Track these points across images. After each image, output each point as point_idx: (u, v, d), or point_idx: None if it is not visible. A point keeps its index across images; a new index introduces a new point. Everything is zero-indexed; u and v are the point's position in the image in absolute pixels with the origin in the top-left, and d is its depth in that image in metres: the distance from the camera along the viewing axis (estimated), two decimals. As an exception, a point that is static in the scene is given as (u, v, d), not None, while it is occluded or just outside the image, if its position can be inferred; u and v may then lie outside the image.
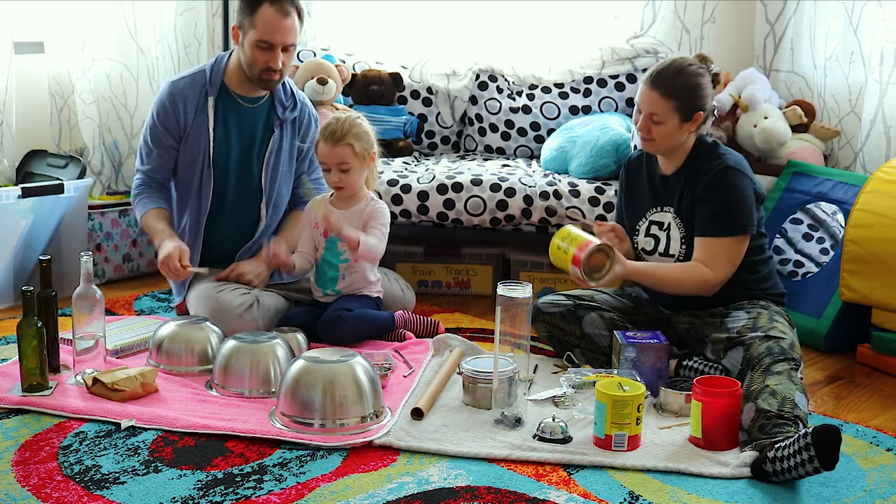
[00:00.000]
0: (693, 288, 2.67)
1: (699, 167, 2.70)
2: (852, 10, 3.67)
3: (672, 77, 2.67)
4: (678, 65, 2.70)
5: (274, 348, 2.65)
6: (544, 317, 2.87)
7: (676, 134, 2.68)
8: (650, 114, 2.68)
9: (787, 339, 2.49)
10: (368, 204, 3.04)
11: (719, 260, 2.64)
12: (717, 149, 2.73)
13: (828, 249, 3.33)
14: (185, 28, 4.09)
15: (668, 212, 2.77)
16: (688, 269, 2.68)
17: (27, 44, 3.77)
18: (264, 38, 2.95)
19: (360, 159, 2.96)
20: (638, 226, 2.84)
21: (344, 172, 2.95)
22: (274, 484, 2.13)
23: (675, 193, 2.75)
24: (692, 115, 2.67)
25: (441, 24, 4.26)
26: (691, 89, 2.66)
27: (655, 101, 2.66)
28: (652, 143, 2.72)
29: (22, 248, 3.45)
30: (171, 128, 3.08)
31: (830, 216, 3.37)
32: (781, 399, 2.28)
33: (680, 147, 2.73)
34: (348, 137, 2.94)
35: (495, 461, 2.27)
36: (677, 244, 2.74)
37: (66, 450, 2.27)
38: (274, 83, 3.05)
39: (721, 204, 2.64)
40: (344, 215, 2.99)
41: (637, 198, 2.87)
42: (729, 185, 2.65)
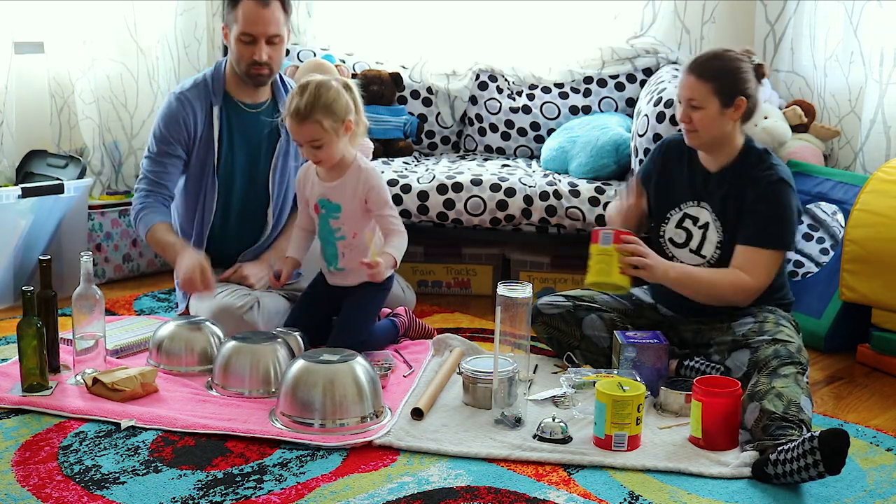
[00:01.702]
0: (729, 294, 2.62)
1: (749, 173, 2.63)
2: (852, 10, 3.67)
3: (708, 60, 2.62)
4: (715, 50, 2.67)
5: (274, 348, 2.65)
6: (544, 318, 2.86)
7: (719, 121, 2.60)
8: (688, 99, 2.61)
9: (795, 343, 2.48)
10: (359, 174, 2.79)
11: (760, 270, 2.60)
12: (770, 157, 2.66)
13: (828, 249, 3.33)
14: (185, 28, 4.09)
15: (706, 209, 2.70)
16: (728, 275, 2.62)
17: (27, 44, 3.77)
18: (246, 30, 2.94)
19: (333, 132, 2.70)
20: (669, 214, 2.77)
21: (317, 149, 2.73)
22: (274, 484, 2.13)
23: (716, 193, 2.68)
24: (733, 101, 2.59)
25: (441, 24, 4.26)
26: (729, 71, 2.60)
27: (692, 85, 2.60)
28: (695, 134, 2.64)
29: (22, 248, 3.45)
30: (182, 139, 3.04)
31: (830, 216, 3.37)
32: (787, 402, 2.27)
33: (726, 142, 2.65)
34: (315, 114, 2.67)
35: (495, 461, 2.27)
36: (712, 247, 2.69)
37: (66, 450, 2.27)
38: (263, 78, 3.02)
39: (772, 216, 2.59)
40: (334, 188, 2.81)
41: (673, 184, 2.78)
42: (782, 198, 2.60)
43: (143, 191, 3.06)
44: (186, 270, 2.84)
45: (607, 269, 2.57)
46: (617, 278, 2.57)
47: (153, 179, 3.05)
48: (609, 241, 2.55)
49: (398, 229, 2.84)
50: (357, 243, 2.85)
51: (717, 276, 2.64)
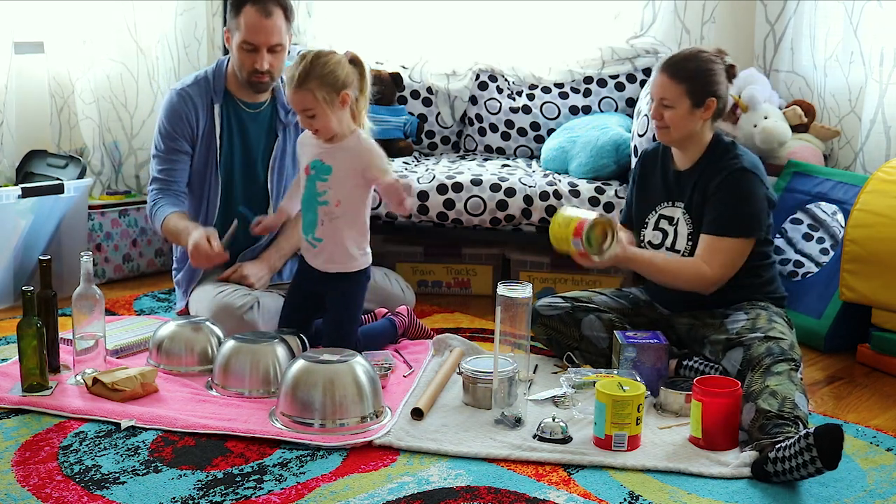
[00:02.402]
0: (689, 282, 2.67)
1: (714, 164, 2.69)
2: (852, 10, 3.67)
3: (682, 61, 2.68)
4: (689, 51, 2.73)
5: (274, 348, 2.65)
6: (542, 320, 2.87)
7: (689, 120, 2.66)
8: (661, 98, 2.67)
9: (787, 339, 2.49)
10: (358, 144, 2.71)
11: (719, 259, 2.64)
12: (735, 148, 2.71)
13: (828, 249, 3.33)
14: (185, 28, 4.09)
15: (679, 207, 2.75)
16: (686, 263, 2.67)
17: (27, 44, 3.77)
18: (247, 39, 2.94)
19: (326, 104, 2.63)
20: (647, 219, 2.83)
21: (311, 118, 2.66)
22: (274, 484, 2.13)
23: (686, 189, 2.74)
24: (704, 101, 2.65)
25: (441, 24, 4.26)
26: (701, 73, 2.65)
27: (665, 84, 2.66)
28: (666, 130, 2.69)
29: (22, 248, 3.45)
30: (186, 133, 3.05)
31: (830, 216, 3.37)
32: (782, 399, 2.28)
33: (695, 140, 2.71)
34: (308, 82, 2.61)
35: (495, 461, 2.27)
36: (684, 240, 2.73)
37: (66, 450, 2.27)
38: (264, 85, 3.03)
39: (730, 204, 2.63)
40: (330, 150, 2.72)
41: (649, 190, 2.85)
42: (741, 186, 2.64)
43: (155, 189, 3.08)
44: (193, 243, 2.82)
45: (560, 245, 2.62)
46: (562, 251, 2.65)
47: (163, 178, 3.07)
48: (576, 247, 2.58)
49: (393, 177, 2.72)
50: (338, 213, 2.73)
51: (677, 264, 2.69)
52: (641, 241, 2.83)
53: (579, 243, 2.56)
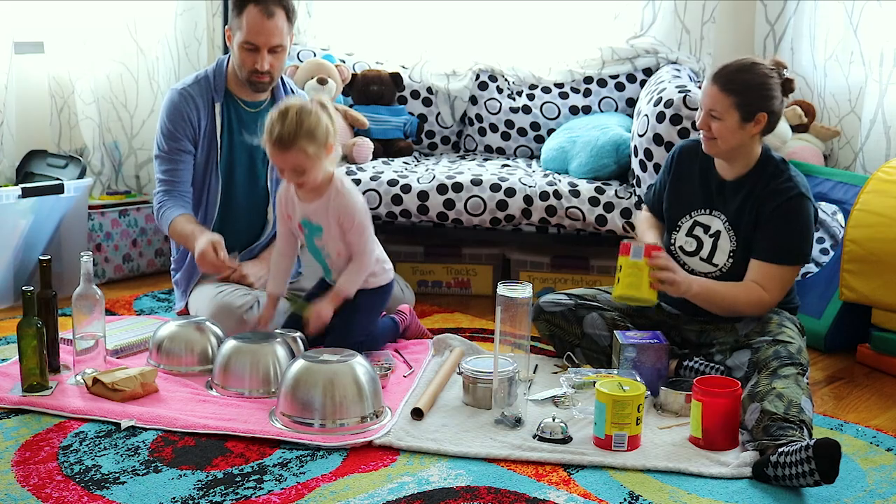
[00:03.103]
0: (747, 309, 2.61)
1: (767, 185, 2.60)
2: (852, 10, 3.67)
3: (734, 72, 2.57)
4: (743, 61, 2.60)
5: (274, 348, 2.65)
6: (545, 316, 2.86)
7: (738, 134, 2.57)
8: (709, 109, 2.58)
9: (795, 343, 2.48)
10: (336, 197, 2.72)
11: (776, 284, 2.59)
12: (788, 169, 2.62)
13: (828, 249, 3.33)
14: (185, 28, 4.09)
15: (719, 218, 2.68)
16: (747, 289, 2.60)
17: (27, 44, 3.77)
18: (249, 39, 2.94)
19: (316, 158, 2.64)
20: (680, 222, 2.76)
21: (300, 174, 2.65)
22: (274, 484, 2.13)
23: (731, 202, 2.66)
24: (754, 116, 2.55)
25: (441, 24, 4.26)
26: (754, 87, 2.55)
27: (714, 95, 2.57)
28: (713, 142, 2.61)
29: (22, 248, 3.45)
30: (188, 133, 3.04)
31: (830, 216, 3.37)
32: (788, 402, 2.27)
33: (743, 154, 2.62)
34: (299, 141, 2.60)
35: (495, 461, 2.27)
36: (724, 256, 2.67)
37: (66, 450, 2.27)
38: (264, 85, 3.03)
39: (789, 232, 2.58)
40: (315, 210, 2.75)
41: (685, 192, 2.77)
42: (801, 214, 2.57)
43: (160, 191, 3.07)
44: (199, 249, 2.83)
45: (637, 283, 2.55)
46: (646, 293, 2.55)
47: (168, 179, 3.05)
48: (640, 255, 2.53)
49: (359, 252, 2.77)
50: (341, 263, 2.81)
51: (737, 291, 2.61)
52: (672, 244, 2.77)
53: (639, 247, 2.51)
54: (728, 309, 2.64)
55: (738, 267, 2.65)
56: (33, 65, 3.82)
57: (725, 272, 2.68)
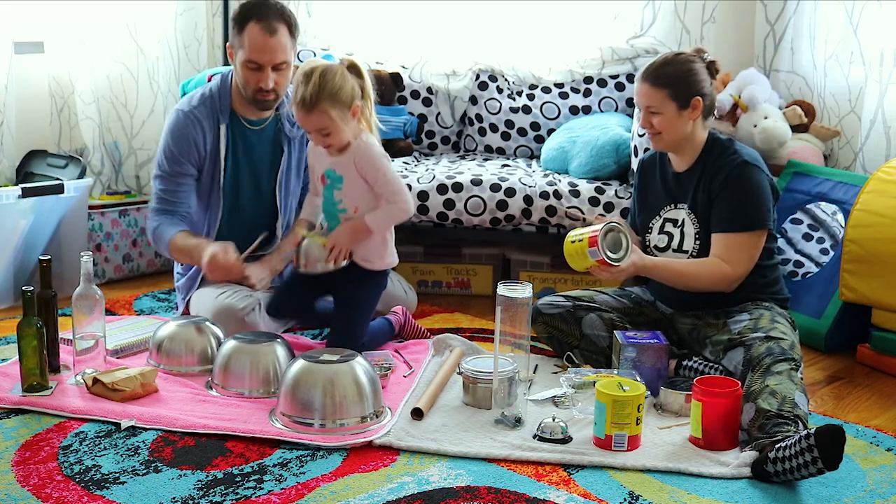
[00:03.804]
0: (712, 283, 2.66)
1: (714, 163, 2.69)
2: (852, 10, 3.67)
3: (659, 66, 2.70)
4: (665, 55, 2.74)
5: (274, 348, 2.65)
6: (544, 318, 2.87)
7: (678, 123, 2.68)
8: (647, 106, 2.70)
9: (788, 339, 2.49)
10: (357, 151, 2.70)
11: (737, 255, 2.64)
12: (733, 144, 2.72)
13: (828, 249, 3.33)
14: (185, 28, 4.09)
15: (682, 208, 2.76)
16: (706, 264, 2.67)
17: (27, 44, 3.77)
18: (252, 58, 2.87)
19: (340, 120, 2.63)
20: (651, 223, 2.84)
21: (326, 136, 2.65)
22: (274, 484, 2.13)
23: (688, 190, 2.74)
24: (689, 102, 2.67)
25: (441, 24, 4.26)
26: (681, 75, 2.67)
27: (647, 92, 2.69)
28: (659, 137, 2.71)
29: (22, 248, 3.45)
30: (192, 157, 2.98)
31: (830, 216, 3.36)
32: (781, 399, 2.28)
33: (690, 141, 2.72)
34: (321, 103, 2.59)
35: (495, 461, 2.27)
36: (691, 240, 2.74)
37: (66, 450, 2.27)
38: (269, 103, 2.97)
39: (738, 199, 2.64)
40: (340, 161, 2.72)
41: (651, 197, 2.87)
42: (746, 179, 2.65)
43: (156, 210, 3.02)
44: (210, 254, 2.79)
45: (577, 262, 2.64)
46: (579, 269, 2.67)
47: (166, 199, 3.01)
48: (594, 257, 2.58)
49: (397, 202, 2.73)
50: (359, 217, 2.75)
51: (698, 266, 2.68)
52: (647, 246, 2.83)
53: (597, 252, 2.56)
54: (691, 284, 2.69)
55: (706, 248, 2.71)
56: (33, 65, 3.82)
57: (696, 256, 2.73)
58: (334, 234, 2.73)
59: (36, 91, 3.84)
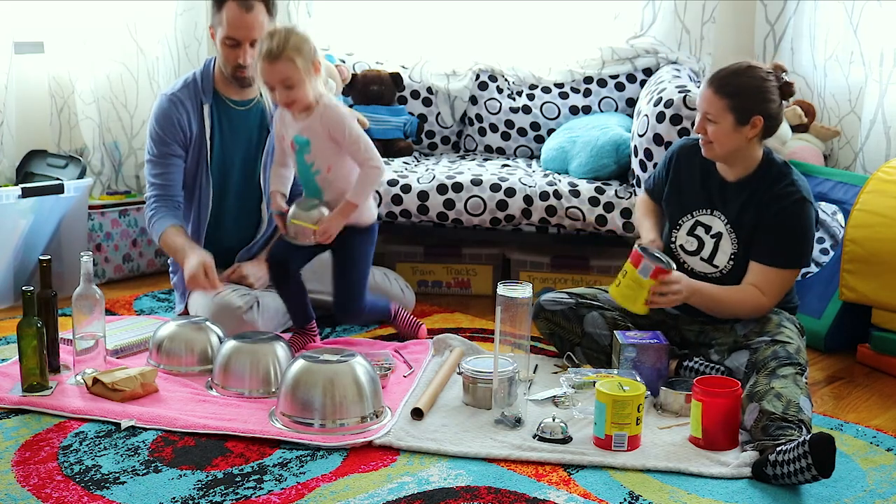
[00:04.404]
0: (748, 313, 2.62)
1: (770, 188, 2.60)
2: (852, 10, 3.67)
3: (729, 75, 2.58)
4: (739, 65, 2.60)
5: (274, 348, 2.65)
6: (546, 314, 2.86)
7: (733, 138, 2.57)
8: (705, 112, 2.59)
9: (794, 343, 2.48)
10: (323, 111, 2.76)
11: (775, 289, 2.60)
12: (791, 173, 2.62)
13: (828, 249, 3.33)
14: (185, 28, 4.09)
15: (719, 218, 2.68)
16: (744, 293, 2.61)
17: (27, 44, 3.78)
18: (229, 34, 2.95)
19: (305, 72, 2.69)
20: (681, 221, 2.76)
21: (290, 89, 2.70)
22: (274, 484, 2.13)
23: (733, 204, 2.66)
24: (749, 119, 2.54)
25: (441, 24, 4.25)
26: (749, 90, 2.55)
27: (709, 98, 2.58)
28: (710, 146, 2.61)
29: (22, 248, 3.45)
30: (178, 138, 3.06)
31: (830, 216, 3.36)
32: (786, 402, 2.27)
33: (742, 157, 2.62)
34: (287, 51, 2.66)
35: (495, 461, 2.27)
36: (725, 258, 2.67)
37: (66, 450, 2.27)
38: (247, 80, 3.03)
39: (790, 237, 2.58)
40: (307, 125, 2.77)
41: (686, 190, 2.76)
42: (802, 219, 2.58)
43: (152, 197, 3.08)
44: (190, 269, 2.86)
45: (633, 297, 2.57)
46: (640, 308, 2.59)
47: (159, 183, 3.07)
48: (647, 275, 2.53)
49: (365, 164, 2.79)
50: (332, 178, 2.81)
51: (735, 295, 2.62)
52: (672, 242, 2.77)
53: (648, 265, 2.51)
54: (726, 312, 2.65)
55: (739, 269, 2.65)
56: (33, 65, 3.82)
57: (726, 274, 2.68)
58: (325, 221, 2.76)
59: (36, 91, 3.84)
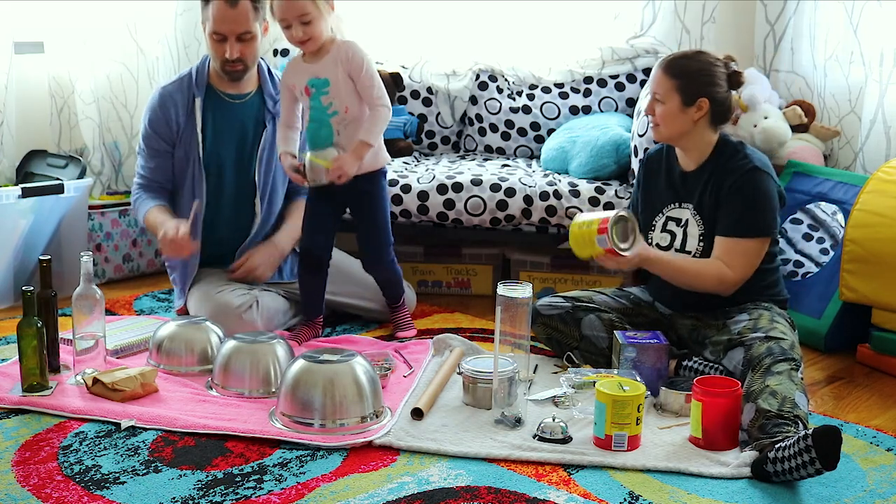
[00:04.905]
0: (711, 284, 2.65)
1: (724, 165, 2.67)
2: (852, 10, 3.67)
3: (679, 58, 2.70)
4: (690, 50, 2.77)
5: (274, 348, 2.65)
6: (543, 319, 2.87)
7: (679, 119, 2.66)
8: (654, 92, 2.69)
9: (788, 339, 2.49)
10: (341, 46, 2.82)
11: (739, 260, 2.63)
12: (744, 149, 2.70)
13: (828, 249, 3.33)
14: (185, 28, 4.09)
15: (687, 208, 2.74)
16: (707, 264, 2.66)
17: (27, 44, 3.78)
18: (216, 29, 2.97)
19: (320, 8, 2.76)
20: (654, 221, 2.81)
21: (306, 25, 2.75)
22: (274, 484, 2.13)
23: (695, 190, 2.72)
24: (694, 100, 2.64)
25: (441, 24, 4.26)
26: (695, 72, 2.65)
27: (659, 78, 2.68)
28: (657, 128, 2.71)
29: (22, 248, 3.45)
30: (164, 133, 3.10)
31: (830, 216, 3.37)
32: (781, 399, 2.28)
33: (695, 141, 2.70)
34: None
35: (495, 461, 2.27)
36: (695, 241, 2.72)
37: (66, 450, 2.27)
38: (238, 74, 3.05)
39: (746, 205, 2.63)
40: (321, 65, 2.83)
41: (654, 193, 2.84)
42: (755, 186, 2.63)
43: (137, 184, 3.17)
44: (163, 233, 2.90)
45: (582, 249, 2.60)
46: (583, 257, 2.65)
47: (145, 174, 3.15)
48: (602, 245, 2.55)
49: (374, 104, 2.84)
50: (350, 118, 2.85)
51: (700, 265, 2.67)
52: (649, 243, 2.81)
53: (605, 240, 2.53)
54: (687, 281, 2.68)
55: (709, 250, 2.69)
56: (33, 65, 3.82)
57: (699, 258, 2.71)
58: (339, 160, 2.81)
59: (36, 91, 3.84)
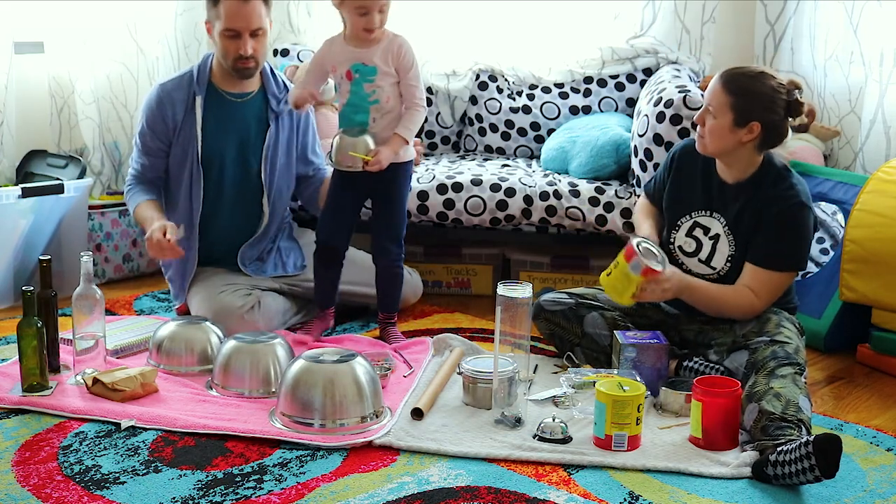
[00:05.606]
0: (739, 313, 2.62)
1: (769, 191, 2.60)
2: (852, 10, 3.67)
3: (740, 75, 2.58)
4: (755, 67, 2.62)
5: (274, 348, 2.65)
6: (546, 314, 2.86)
7: (727, 137, 2.58)
8: (708, 103, 2.60)
9: (793, 343, 2.48)
10: (392, 41, 2.85)
11: (768, 291, 2.60)
12: (790, 177, 2.63)
13: (828, 249, 3.33)
14: (185, 28, 4.09)
15: (718, 220, 2.69)
16: (738, 294, 2.61)
17: (27, 44, 3.78)
18: (229, 26, 2.96)
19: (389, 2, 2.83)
20: (680, 221, 2.76)
21: (381, 13, 2.79)
22: (274, 484, 2.13)
23: (731, 205, 2.66)
24: (747, 123, 2.55)
25: (441, 24, 4.25)
26: (754, 94, 2.54)
27: (714, 90, 2.58)
28: (702, 140, 2.63)
29: (22, 248, 3.45)
30: (160, 130, 3.09)
31: (830, 216, 3.37)
32: (785, 402, 2.27)
33: (738, 159, 2.62)
34: None
35: (495, 461, 2.27)
36: (722, 259, 2.68)
37: (66, 450, 2.27)
38: (250, 71, 3.05)
39: (788, 241, 2.58)
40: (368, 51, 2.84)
41: (685, 190, 2.77)
42: (800, 223, 2.58)
43: (131, 175, 3.17)
44: (150, 232, 2.89)
45: (621, 290, 2.56)
46: (626, 301, 2.59)
47: (139, 169, 3.15)
48: (637, 272, 2.52)
49: (415, 103, 2.88)
50: (389, 108, 2.87)
51: (727, 293, 2.63)
52: (671, 243, 2.77)
53: (637, 264, 2.49)
54: (716, 310, 2.66)
55: (736, 271, 2.66)
56: (33, 65, 3.82)
57: (723, 276, 2.69)
58: (379, 153, 2.82)
59: (36, 91, 3.84)
